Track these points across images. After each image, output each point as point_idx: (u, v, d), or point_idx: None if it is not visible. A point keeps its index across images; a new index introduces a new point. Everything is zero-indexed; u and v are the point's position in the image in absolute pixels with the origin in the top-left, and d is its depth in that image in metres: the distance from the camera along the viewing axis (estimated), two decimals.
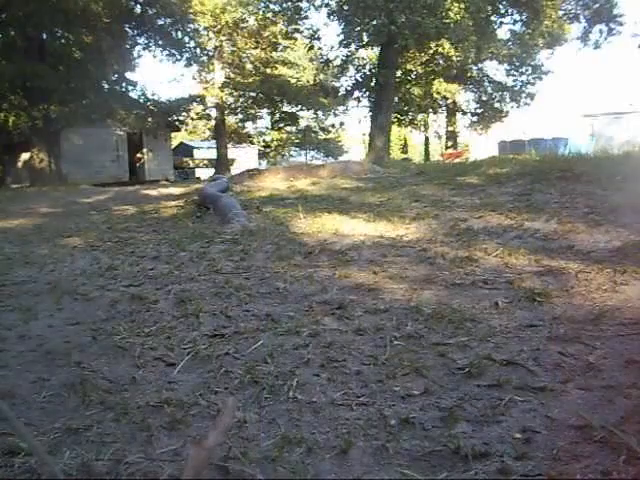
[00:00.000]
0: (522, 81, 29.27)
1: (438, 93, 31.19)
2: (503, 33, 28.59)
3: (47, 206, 10.57)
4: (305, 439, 1.87)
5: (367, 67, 25.60)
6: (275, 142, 40.77)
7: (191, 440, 1.88)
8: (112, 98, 20.54)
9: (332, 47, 24.27)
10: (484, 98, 30.81)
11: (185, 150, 33.86)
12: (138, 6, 22.22)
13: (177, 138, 33.63)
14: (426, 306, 3.18)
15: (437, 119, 37.14)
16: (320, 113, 37.49)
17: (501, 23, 24.99)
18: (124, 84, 22.45)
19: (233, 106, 33.55)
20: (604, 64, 77.45)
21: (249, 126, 38.22)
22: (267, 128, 39.52)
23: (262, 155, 40.11)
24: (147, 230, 6.73)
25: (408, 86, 28.72)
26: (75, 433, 1.95)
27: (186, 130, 36.45)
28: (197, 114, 32.28)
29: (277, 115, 35.43)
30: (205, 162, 32.12)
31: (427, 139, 39.40)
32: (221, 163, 29.61)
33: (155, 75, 76.02)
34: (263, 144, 40.50)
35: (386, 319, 3.03)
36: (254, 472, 1.70)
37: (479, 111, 31.69)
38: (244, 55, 32.08)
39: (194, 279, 4.09)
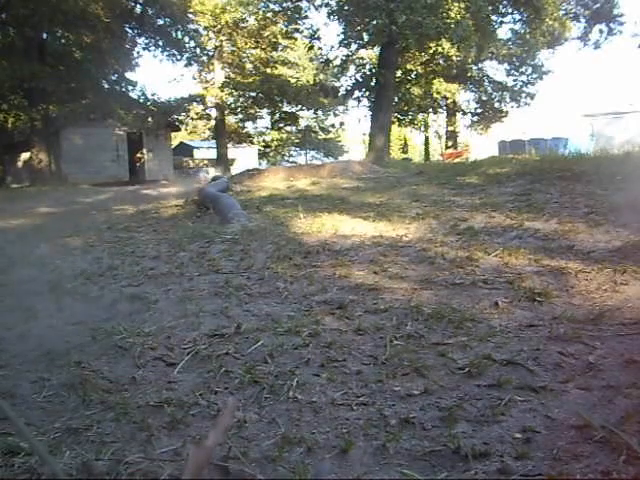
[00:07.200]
0: (522, 81, 29.31)
1: (438, 93, 31.20)
2: (504, 33, 28.65)
3: (47, 206, 10.58)
4: (305, 439, 1.87)
5: (367, 67, 25.60)
6: (275, 142, 40.76)
7: (191, 440, 1.88)
8: (112, 98, 20.55)
9: (332, 47, 24.30)
10: (484, 98, 30.84)
11: (185, 150, 33.84)
12: (138, 6, 22.24)
13: (177, 138, 33.61)
14: (426, 306, 3.18)
15: (437, 119, 37.17)
16: (320, 113, 37.48)
17: (501, 22, 25.01)
18: (124, 84, 22.49)
19: (233, 106, 33.53)
20: (604, 64, 77.58)
21: (249, 126, 38.24)
22: (267, 128, 39.52)
23: (262, 155, 40.10)
24: (147, 230, 6.73)
25: (408, 86, 28.71)
26: (75, 433, 1.95)
27: (186, 130, 36.44)
28: (197, 114, 32.28)
29: (277, 115, 35.39)
30: (205, 162, 32.11)
31: (427, 139, 39.41)
32: (221, 163, 29.61)
33: (155, 75, 76.12)
34: (263, 144, 40.49)
35: (386, 319, 3.03)
36: (254, 472, 1.70)
37: (479, 111, 31.72)
38: (244, 55, 32.08)
39: (194, 279, 4.09)
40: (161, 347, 2.76)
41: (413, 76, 28.63)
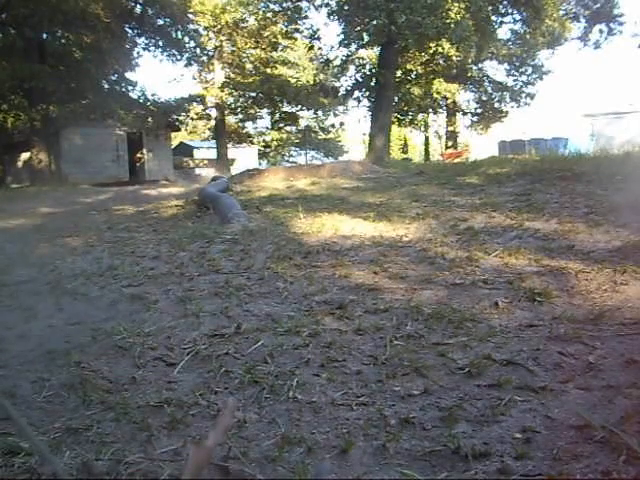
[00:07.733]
0: (522, 81, 29.32)
1: (438, 93, 31.21)
2: (504, 33, 28.67)
3: (47, 206, 10.58)
4: (305, 439, 1.87)
5: (367, 67, 25.61)
6: (275, 142, 40.77)
7: (191, 440, 1.88)
8: (112, 98, 20.53)
9: (332, 47, 24.34)
10: (484, 98, 30.86)
11: (185, 150, 33.82)
12: (138, 6, 22.24)
13: (177, 138, 33.61)
14: (426, 306, 3.18)
15: (437, 119, 37.19)
16: (320, 113, 37.46)
17: (501, 23, 25.02)
18: (124, 84, 22.47)
19: (233, 106, 33.54)
20: (604, 64, 77.68)
21: (249, 126, 38.26)
22: (267, 128, 39.53)
23: (262, 155, 40.11)
24: (147, 230, 6.73)
25: (408, 86, 28.71)
26: (75, 433, 1.95)
27: (186, 130, 36.44)
28: (197, 114, 32.28)
29: (277, 115, 35.39)
30: (205, 162, 32.10)
31: (427, 139, 39.42)
32: (221, 163, 29.62)
33: (155, 75, 76.16)
34: (263, 144, 40.50)
35: (386, 319, 3.03)
36: (254, 472, 1.70)
37: (479, 111, 31.73)
38: (244, 55, 32.08)
39: (194, 279, 4.09)
40: (161, 347, 2.76)
41: (413, 76, 28.63)
